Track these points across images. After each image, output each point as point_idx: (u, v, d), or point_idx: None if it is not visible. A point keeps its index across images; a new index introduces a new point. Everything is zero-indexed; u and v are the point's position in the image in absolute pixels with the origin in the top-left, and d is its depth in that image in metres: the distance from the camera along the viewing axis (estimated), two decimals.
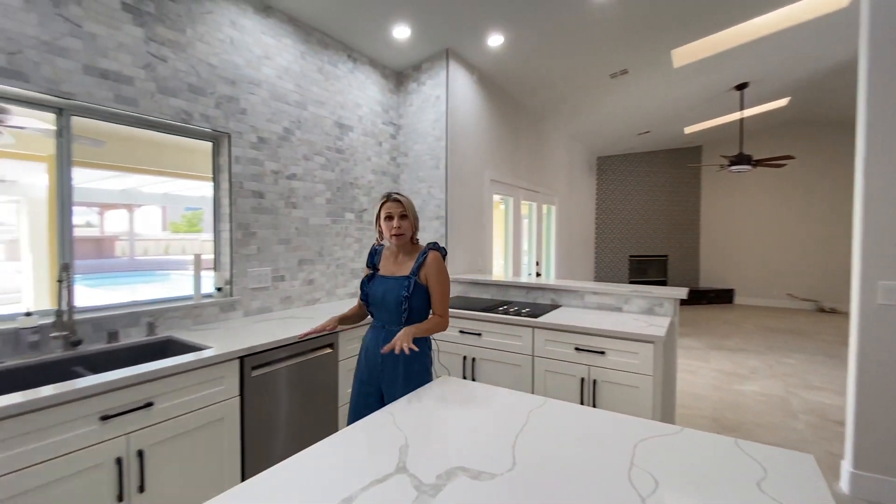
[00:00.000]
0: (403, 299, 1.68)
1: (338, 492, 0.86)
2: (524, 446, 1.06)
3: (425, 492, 0.87)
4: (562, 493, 0.86)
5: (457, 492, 0.87)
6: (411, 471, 0.94)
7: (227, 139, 2.53)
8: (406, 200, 1.76)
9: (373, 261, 1.85)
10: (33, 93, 1.80)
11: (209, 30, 2.39)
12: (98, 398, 1.50)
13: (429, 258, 1.73)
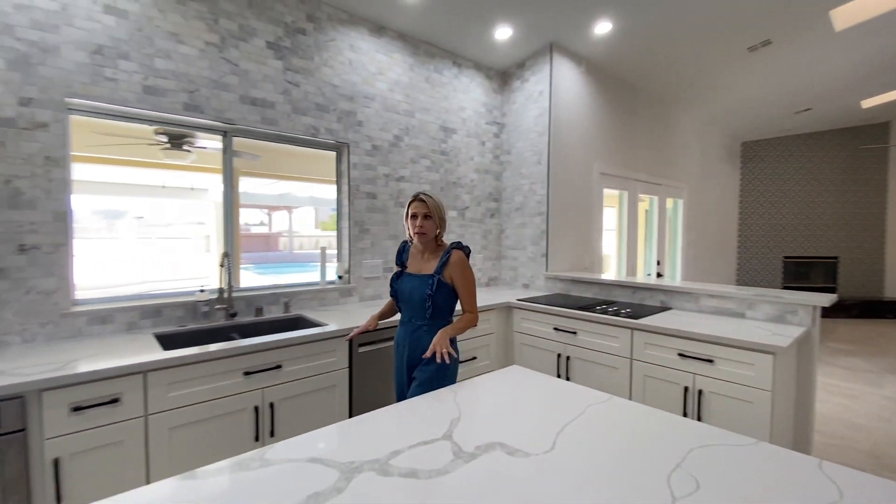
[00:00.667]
0: (427, 297, 1.76)
1: (390, 446, 1.02)
2: (569, 434, 1.09)
3: (461, 457, 0.97)
4: (586, 479, 0.89)
5: (488, 462, 0.96)
6: (455, 439, 1.05)
7: (347, 148, 2.92)
8: (432, 202, 1.82)
9: (401, 259, 1.94)
10: (206, 120, 2.35)
11: (332, 55, 2.79)
12: (243, 357, 1.91)
13: (452, 257, 1.79)
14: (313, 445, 1.03)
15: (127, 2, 2.08)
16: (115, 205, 4.06)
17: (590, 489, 0.86)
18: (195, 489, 0.85)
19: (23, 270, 1.88)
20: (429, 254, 1.87)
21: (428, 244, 1.86)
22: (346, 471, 0.92)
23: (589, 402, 1.29)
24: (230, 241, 2.59)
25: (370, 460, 0.96)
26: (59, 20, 1.92)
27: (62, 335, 1.98)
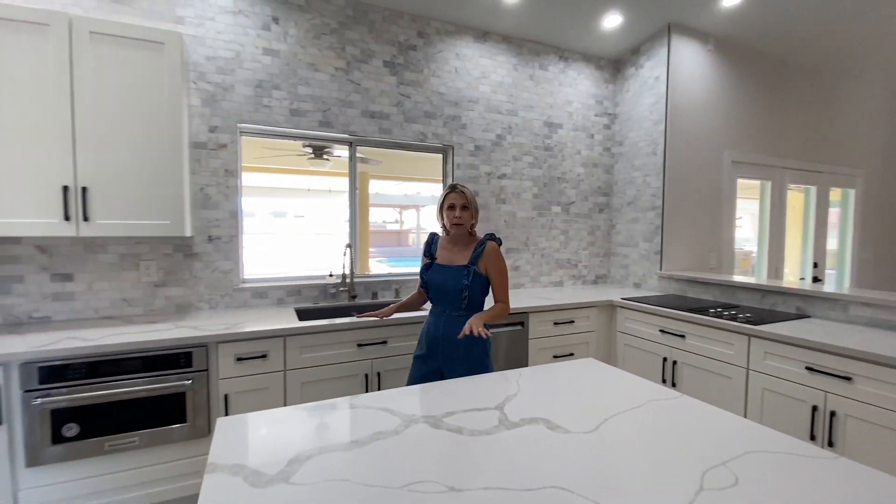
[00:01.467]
0: (464, 287, 1.78)
1: (448, 408, 1.19)
2: (617, 421, 1.12)
3: (504, 425, 1.10)
4: (613, 458, 0.93)
5: (527, 432, 1.06)
6: (505, 410, 1.18)
7: (451, 150, 3.16)
8: (469, 193, 1.87)
9: (430, 250, 1.96)
10: (336, 134, 2.81)
11: (439, 65, 3.05)
12: (356, 331, 2.28)
13: (487, 248, 1.83)
14: (390, 399, 1.26)
15: (279, 43, 2.61)
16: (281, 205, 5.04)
17: (611, 467, 0.91)
18: (299, 416, 1.14)
19: (210, 255, 2.53)
20: (461, 245, 1.89)
21: (461, 236, 1.89)
22: (407, 420, 1.12)
23: (652, 397, 1.28)
24: (354, 234, 3.03)
25: (428, 416, 1.15)
26: (234, 65, 2.52)
27: (234, 305, 2.60)
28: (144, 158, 2.10)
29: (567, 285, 3.64)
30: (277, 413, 1.17)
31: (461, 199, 1.84)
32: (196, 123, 2.45)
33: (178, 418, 1.96)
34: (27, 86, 1.89)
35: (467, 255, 1.85)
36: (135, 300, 2.39)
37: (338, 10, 2.73)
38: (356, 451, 0.97)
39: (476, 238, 1.92)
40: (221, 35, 2.48)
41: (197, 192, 2.47)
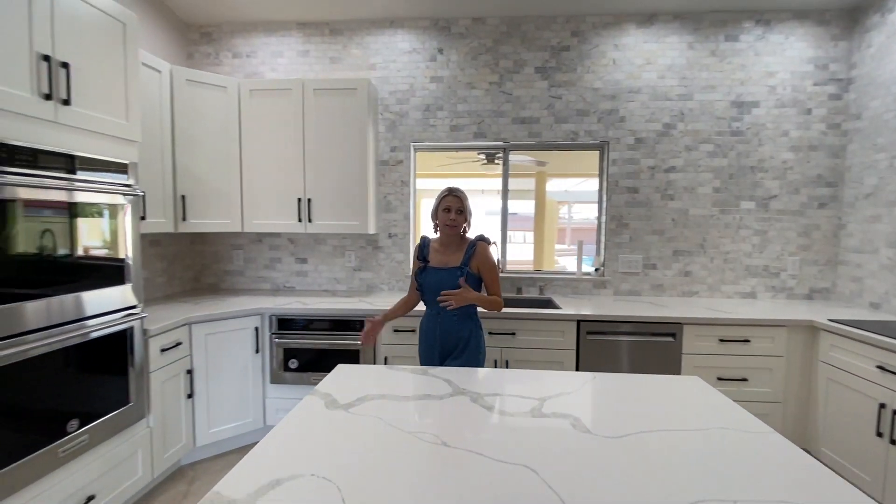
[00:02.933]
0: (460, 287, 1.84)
1: (496, 390, 1.35)
2: (652, 437, 1.06)
3: (534, 414, 1.19)
4: (606, 466, 0.93)
5: (549, 423, 1.13)
6: (545, 402, 1.26)
7: (607, 146, 3.04)
8: (464, 198, 1.93)
9: (423, 254, 1.98)
10: (488, 142, 3.11)
11: (594, 61, 2.97)
12: (486, 321, 2.53)
13: (479, 249, 1.92)
14: (455, 373, 1.49)
15: (442, 70, 3.07)
16: None
17: (596, 469, 0.93)
18: (387, 373, 1.50)
19: (389, 248, 3.21)
20: (453, 247, 1.95)
21: (453, 238, 1.95)
22: (455, 391, 1.34)
23: (729, 426, 1.13)
24: (504, 231, 3.28)
25: (474, 392, 1.33)
26: (409, 95, 3.10)
27: (404, 289, 3.21)
28: (343, 176, 2.86)
29: (762, 298, 2.99)
30: (376, 369, 1.56)
31: (457, 203, 1.91)
32: (382, 146, 3.14)
33: None
34: (278, 131, 2.85)
35: (460, 257, 1.93)
36: (341, 279, 3.25)
37: (493, 29, 3.01)
38: (402, 403, 1.26)
39: (467, 240, 1.98)
40: (400, 72, 3.09)
41: (381, 199, 3.17)
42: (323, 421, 1.15)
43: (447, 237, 1.96)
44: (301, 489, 0.85)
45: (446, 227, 1.91)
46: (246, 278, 3.30)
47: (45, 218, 1.62)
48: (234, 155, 2.86)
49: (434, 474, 0.91)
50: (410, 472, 0.92)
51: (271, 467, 0.92)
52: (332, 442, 1.04)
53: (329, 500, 0.81)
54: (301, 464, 0.94)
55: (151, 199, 2.48)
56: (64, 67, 1.66)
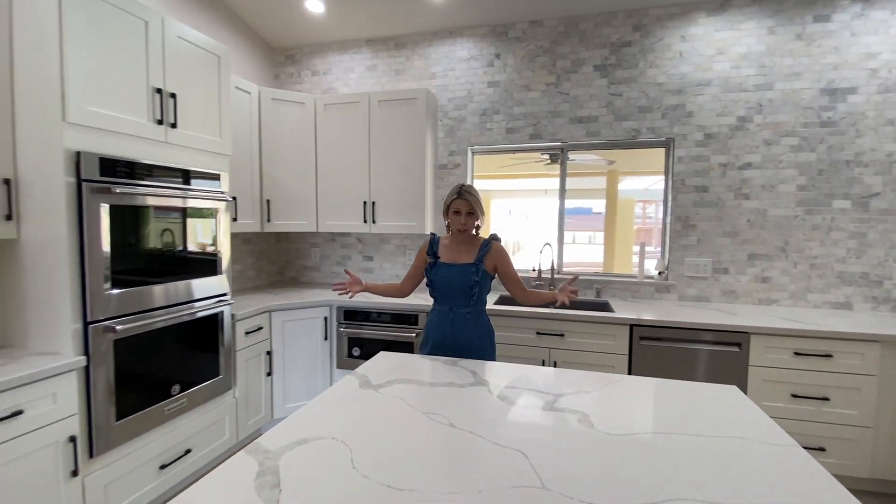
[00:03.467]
0: (474, 283, 1.84)
1: (513, 384, 1.42)
2: (655, 439, 1.07)
3: (547, 408, 1.25)
4: (593, 458, 0.96)
5: (557, 417, 1.18)
6: (561, 399, 1.30)
7: (672, 143, 2.89)
8: (474, 199, 1.87)
9: (433, 249, 1.96)
10: (544, 143, 3.12)
11: (658, 55, 2.84)
12: (535, 320, 2.57)
13: (494, 248, 1.90)
14: (481, 366, 1.58)
15: (499, 75, 3.14)
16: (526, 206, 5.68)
17: (592, 464, 0.97)
18: (419, 362, 1.64)
19: None
20: (465, 244, 1.93)
21: (466, 237, 1.93)
22: (477, 382, 1.43)
23: (748, 436, 1.09)
24: (561, 233, 3.26)
25: (494, 384, 1.42)
26: (467, 101, 3.22)
27: None
28: (402, 179, 3.06)
29: (860, 309, 2.64)
30: (413, 358, 1.70)
31: (466, 206, 1.86)
32: (441, 150, 3.30)
33: None
34: (347, 140, 3.14)
35: (473, 254, 1.90)
36: (402, 276, 3.46)
37: (550, 30, 3.02)
38: (426, 388, 1.38)
39: (479, 238, 1.96)
40: (459, 79, 3.22)
41: (439, 202, 3.33)
42: (354, 397, 1.31)
43: (459, 235, 1.93)
44: (320, 448, 1.01)
45: (457, 231, 1.90)
46: (322, 273, 3.66)
47: (159, 219, 2.01)
48: (310, 163, 3.21)
49: (432, 448, 1.02)
50: (414, 444, 1.04)
51: (302, 429, 1.10)
52: (355, 414, 1.20)
53: (340, 458, 0.96)
54: (326, 428, 1.10)
55: (242, 203, 2.88)
56: (172, 97, 2.04)
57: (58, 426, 1.60)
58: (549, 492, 0.85)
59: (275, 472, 0.91)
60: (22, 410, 1.49)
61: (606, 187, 5.53)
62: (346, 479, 0.89)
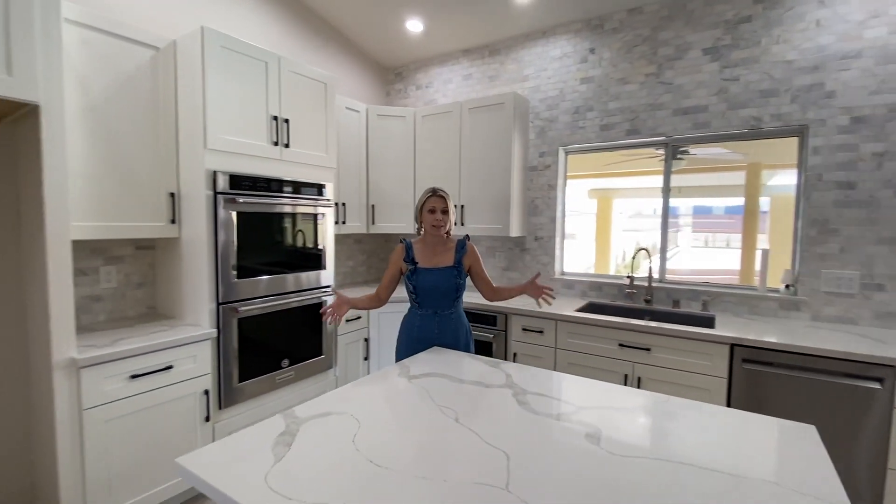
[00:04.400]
0: (458, 286, 1.94)
1: (529, 388, 1.41)
2: (649, 463, 0.98)
3: (555, 417, 1.23)
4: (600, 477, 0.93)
5: (562, 429, 1.16)
6: (579, 411, 1.26)
7: (805, 131, 2.40)
8: (448, 198, 1.95)
9: (410, 255, 1.96)
10: (643, 139, 2.87)
11: (786, 28, 2.39)
12: (618, 331, 2.41)
13: (469, 248, 1.99)
14: (518, 371, 1.59)
15: (593, 70, 2.99)
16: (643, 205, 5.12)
17: (569, 478, 0.95)
18: (460, 359, 1.72)
19: (535, 251, 3.32)
20: (440, 248, 1.98)
21: (438, 239, 1.97)
22: (505, 384, 1.46)
23: (784, 483, 0.93)
24: (665, 237, 2.96)
25: (522, 388, 1.43)
26: (559, 100, 3.14)
27: None
28: (489, 183, 3.14)
29: None
30: (462, 356, 1.79)
31: (441, 203, 1.93)
32: (531, 152, 3.28)
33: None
34: (441, 148, 3.34)
35: (450, 257, 1.96)
36: (493, 277, 3.52)
37: (651, 16, 2.77)
38: (455, 384, 1.47)
39: (453, 240, 2.02)
40: (550, 79, 3.16)
41: (528, 204, 3.31)
42: (388, 383, 1.47)
43: (433, 238, 1.97)
44: (337, 420, 1.18)
45: (432, 228, 1.93)
46: None
47: (275, 222, 2.46)
48: (409, 170, 3.50)
49: (427, 437, 1.11)
50: (413, 431, 1.14)
51: (332, 403, 1.29)
52: (380, 398, 1.35)
53: (347, 433, 1.12)
54: (350, 405, 1.28)
55: (350, 208, 3.30)
56: (286, 122, 2.47)
57: (196, 381, 2.11)
58: (509, 494, 0.87)
59: (293, 435, 1.11)
60: (172, 365, 2.01)
61: (746, 183, 4.76)
62: (341, 450, 1.04)
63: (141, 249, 2.44)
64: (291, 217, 2.55)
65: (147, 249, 2.46)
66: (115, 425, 1.83)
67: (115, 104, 2.03)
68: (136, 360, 1.89)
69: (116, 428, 1.83)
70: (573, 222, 7.05)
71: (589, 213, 6.66)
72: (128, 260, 2.39)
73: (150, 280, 2.48)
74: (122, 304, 2.37)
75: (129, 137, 2.09)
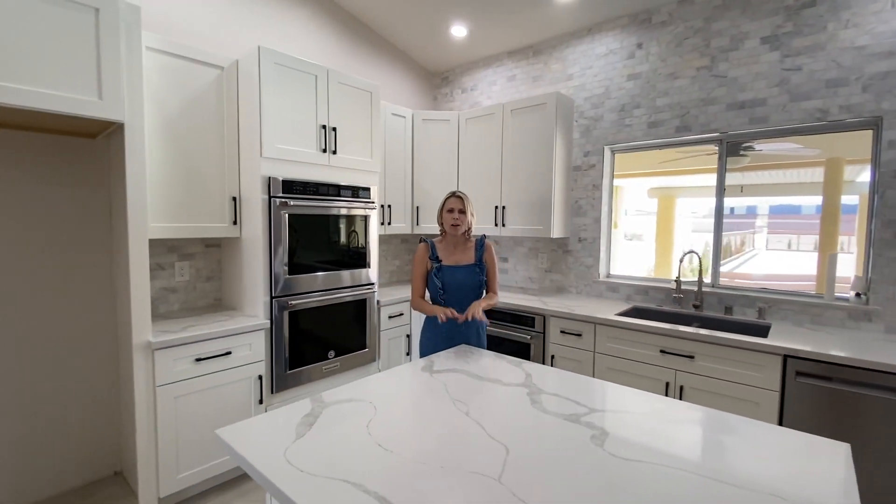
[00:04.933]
0: (481, 282, 2.06)
1: (542, 388, 1.42)
2: (649, 466, 0.97)
3: (566, 417, 1.24)
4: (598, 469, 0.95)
5: (566, 423, 1.18)
6: (593, 413, 1.27)
7: (880, 123, 2.16)
8: (466, 199, 2.07)
9: (434, 254, 2.06)
10: (693, 136, 2.72)
11: (857, 11, 2.16)
12: (660, 337, 2.32)
13: (488, 246, 2.10)
14: (541, 371, 1.61)
15: (640, 66, 2.89)
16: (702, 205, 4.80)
17: (565, 477, 0.97)
18: (486, 359, 1.77)
19: (578, 252, 3.26)
20: (461, 247, 2.10)
21: (459, 238, 2.09)
22: (523, 384, 1.49)
23: (791, 499, 0.89)
24: (718, 241, 2.79)
25: (539, 387, 1.45)
26: (604, 98, 3.07)
27: (592, 294, 3.20)
28: (530, 184, 3.14)
29: None
30: (488, 354, 1.84)
31: (459, 203, 2.06)
32: (575, 152, 3.23)
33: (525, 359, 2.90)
34: (484, 150, 3.38)
35: (472, 255, 2.09)
36: (534, 279, 3.53)
37: (703, 6, 2.62)
38: (474, 380, 1.52)
39: (473, 240, 2.13)
40: (596, 77, 3.10)
41: (573, 204, 3.26)
42: (410, 376, 1.56)
43: (453, 237, 2.09)
44: (357, 407, 1.29)
45: (451, 227, 2.05)
46: None
47: (323, 223, 2.65)
48: (453, 172, 3.58)
49: (435, 427, 1.18)
50: (424, 421, 1.22)
51: (355, 391, 1.40)
52: (401, 388, 1.44)
53: (362, 418, 1.22)
54: (371, 394, 1.38)
55: (395, 210, 3.45)
56: (333, 130, 2.65)
57: (251, 367, 2.33)
58: (500, 485, 0.92)
59: (316, 416, 1.22)
60: (231, 351, 2.24)
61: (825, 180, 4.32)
62: (354, 433, 1.14)
63: (209, 247, 2.73)
64: (338, 219, 2.73)
65: (214, 247, 2.75)
66: (182, 402, 2.08)
67: (187, 119, 2.31)
68: (201, 345, 2.14)
69: (183, 405, 2.09)
70: (636, 222, 6.76)
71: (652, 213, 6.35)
72: (198, 256, 2.69)
73: (217, 275, 2.77)
74: (193, 295, 2.67)
75: (197, 148, 2.36)
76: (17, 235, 2.10)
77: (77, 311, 2.27)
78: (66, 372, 2.25)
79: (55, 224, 2.20)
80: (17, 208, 2.09)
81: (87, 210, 2.29)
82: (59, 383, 2.24)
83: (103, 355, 2.35)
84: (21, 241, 2.11)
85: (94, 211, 2.30)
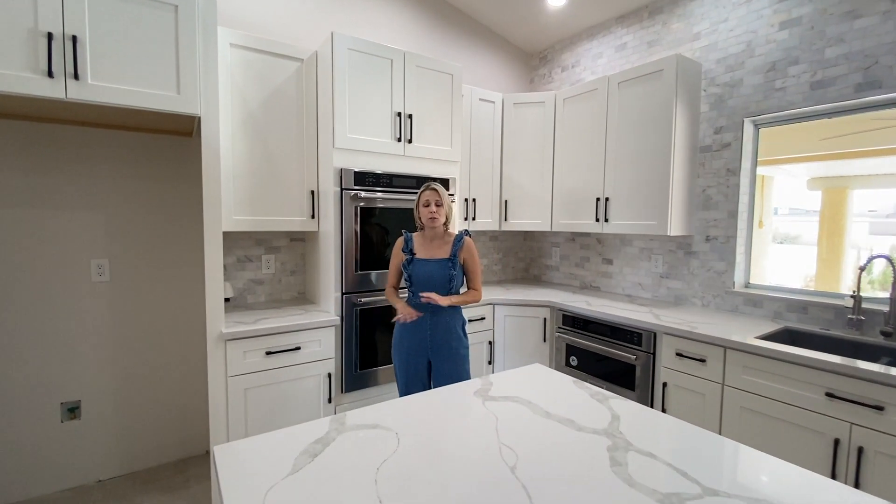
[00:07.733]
0: (452, 276, 1.98)
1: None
2: None
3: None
4: None
5: None
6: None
7: None
8: (442, 192, 2.00)
9: (409, 246, 2.04)
10: (886, 95, 1.93)
11: None
12: (828, 374, 1.66)
13: (466, 242, 2.04)
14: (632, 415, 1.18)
15: (799, 8, 2.17)
16: None
17: None
18: (529, 376, 1.39)
19: (706, 254, 2.61)
20: (438, 241, 2.04)
21: (437, 232, 2.03)
22: (598, 431, 1.09)
23: None
24: None
25: (626, 441, 1.04)
26: (744, 57, 2.39)
27: (724, 307, 2.53)
28: (641, 171, 2.59)
29: None
30: (556, 377, 1.46)
31: (434, 196, 1.99)
32: (703, 129, 2.59)
33: (628, 385, 2.38)
34: (584, 133, 2.91)
35: (447, 249, 2.02)
36: (646, 286, 2.94)
37: None
38: (540, 418, 1.17)
39: (452, 234, 2.06)
40: (732, 32, 2.43)
41: (699, 194, 2.62)
42: (457, 401, 1.27)
43: (431, 231, 2.04)
44: (377, 435, 1.04)
45: (429, 221, 1.99)
46: (560, 273, 3.57)
47: (397, 217, 2.48)
48: (548, 161, 3.17)
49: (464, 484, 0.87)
50: (453, 467, 0.92)
51: (384, 415, 1.16)
52: (437, 415, 1.16)
53: (381, 453, 0.97)
54: (400, 421, 1.12)
55: (481, 204, 3.17)
56: (409, 118, 2.47)
57: (321, 364, 2.26)
58: None
59: (326, 444, 1.01)
60: (300, 347, 2.19)
61: None
62: (359, 477, 0.89)
63: (294, 241, 2.76)
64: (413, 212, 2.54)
65: (299, 241, 2.78)
66: (251, 394, 2.08)
67: (267, 112, 2.32)
68: (271, 338, 2.11)
69: (252, 396, 2.08)
70: (790, 222, 5.67)
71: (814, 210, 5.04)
72: (284, 250, 2.73)
73: (301, 268, 2.79)
74: (278, 288, 2.73)
75: (278, 141, 2.36)
76: (129, 229, 2.31)
77: (175, 300, 2.44)
78: (165, 357, 2.43)
79: (160, 218, 2.39)
80: (129, 203, 2.30)
81: (186, 204, 2.45)
82: (159, 367, 2.43)
83: (197, 343, 2.49)
84: (130, 233, 2.31)
85: (192, 205, 2.45)
